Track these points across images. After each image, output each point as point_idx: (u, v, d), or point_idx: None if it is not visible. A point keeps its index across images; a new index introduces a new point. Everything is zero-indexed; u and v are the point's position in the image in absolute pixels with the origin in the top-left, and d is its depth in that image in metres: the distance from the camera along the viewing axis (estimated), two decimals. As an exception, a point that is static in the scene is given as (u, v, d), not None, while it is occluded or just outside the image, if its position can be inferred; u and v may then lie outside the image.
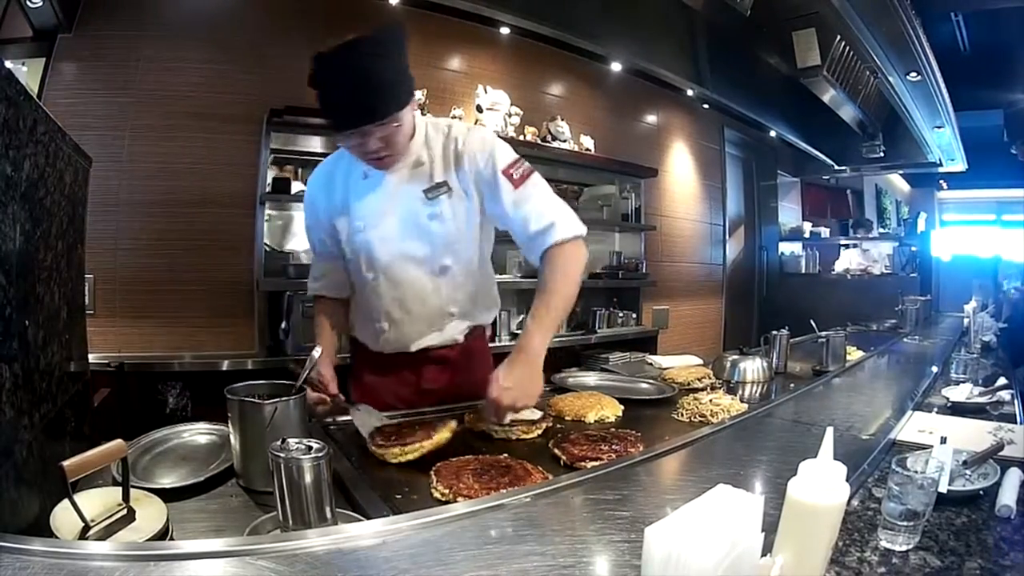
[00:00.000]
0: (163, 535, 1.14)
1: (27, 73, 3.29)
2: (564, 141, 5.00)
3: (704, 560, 0.70)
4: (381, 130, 1.84)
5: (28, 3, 3.16)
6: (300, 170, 4.25)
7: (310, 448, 1.09)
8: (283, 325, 3.68)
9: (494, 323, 4.34)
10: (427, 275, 2.04)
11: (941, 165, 8.49)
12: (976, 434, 1.74)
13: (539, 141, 4.85)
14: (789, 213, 9.20)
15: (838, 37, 5.44)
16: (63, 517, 1.09)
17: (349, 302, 2.19)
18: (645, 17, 5.40)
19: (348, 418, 1.95)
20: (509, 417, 1.77)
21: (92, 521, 1.09)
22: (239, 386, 1.52)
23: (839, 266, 8.56)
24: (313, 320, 2.18)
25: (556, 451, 1.63)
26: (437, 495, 1.36)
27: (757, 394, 2.54)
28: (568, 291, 1.88)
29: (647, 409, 2.20)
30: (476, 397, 1.98)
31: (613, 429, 1.85)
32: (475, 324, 2.20)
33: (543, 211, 1.95)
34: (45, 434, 1.35)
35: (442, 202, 1.98)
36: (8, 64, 1.19)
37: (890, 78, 5.54)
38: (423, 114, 2.28)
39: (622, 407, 2.12)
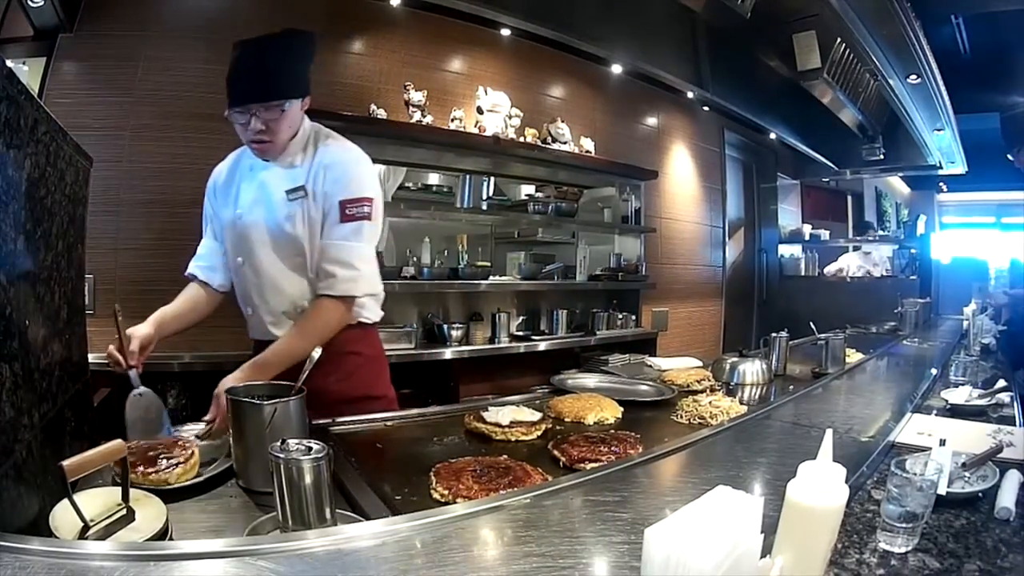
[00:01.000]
0: (163, 535, 1.15)
1: (28, 72, 3.29)
2: (564, 143, 5.00)
3: (704, 561, 0.70)
4: (265, 113, 2.03)
5: (29, 2, 3.16)
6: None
7: (310, 449, 1.09)
8: (283, 326, 3.68)
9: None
10: (282, 268, 2.14)
11: (941, 168, 8.49)
12: (975, 436, 1.74)
13: (539, 143, 4.85)
14: (789, 216, 9.20)
15: (838, 39, 5.44)
16: (63, 517, 1.09)
17: (212, 298, 2.32)
18: (646, 19, 5.40)
19: (353, 418, 1.97)
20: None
21: (92, 521, 1.10)
22: (239, 387, 1.52)
23: (832, 268, 8.54)
24: None
25: (555, 453, 1.64)
26: (436, 496, 1.36)
27: (756, 396, 2.54)
28: (300, 347, 1.89)
29: (646, 411, 2.21)
30: (348, 404, 2.09)
31: (612, 431, 1.85)
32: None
33: (338, 257, 2.06)
34: (45, 434, 1.35)
35: (299, 204, 2.09)
36: (9, 63, 1.19)
37: (890, 80, 5.54)
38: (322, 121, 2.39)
39: (621, 409, 2.12)
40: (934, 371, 2.85)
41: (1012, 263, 4.38)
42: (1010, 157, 3.68)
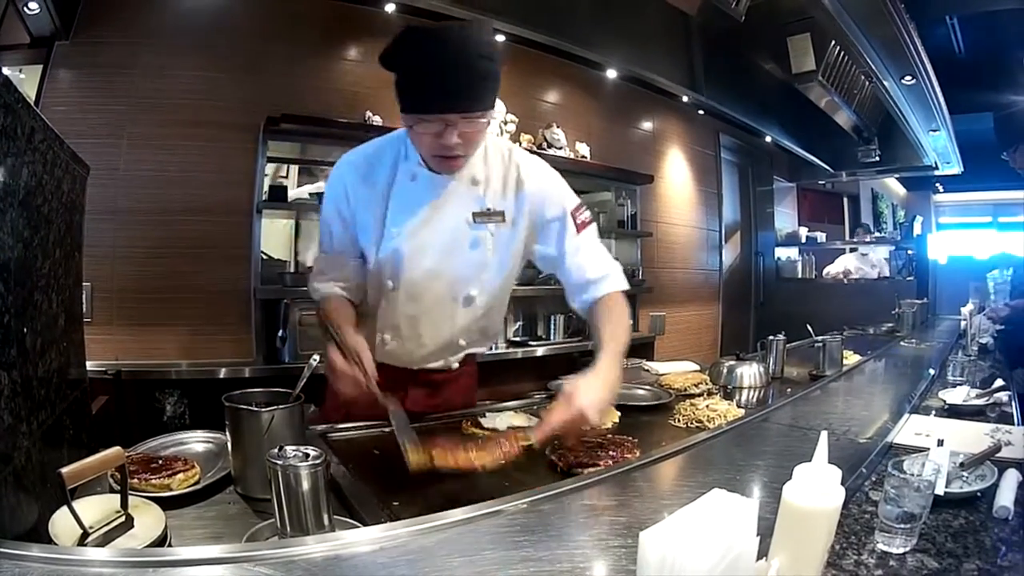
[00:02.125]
0: (161, 542, 1.14)
1: (24, 80, 3.30)
2: (560, 148, 5.02)
3: (699, 564, 0.70)
4: (468, 124, 1.68)
5: (26, 10, 3.15)
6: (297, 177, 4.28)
7: (307, 455, 1.09)
8: (280, 333, 3.69)
9: None
10: (450, 301, 1.93)
11: (937, 168, 8.50)
12: (973, 436, 1.74)
13: (535, 148, 4.86)
14: (785, 218, 9.21)
15: (833, 42, 5.46)
16: (62, 523, 1.09)
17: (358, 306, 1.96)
18: (640, 24, 5.42)
19: (351, 424, 1.96)
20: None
21: (91, 528, 1.09)
22: (236, 394, 1.52)
23: (831, 270, 8.55)
24: (320, 317, 1.90)
25: (553, 457, 1.63)
26: (411, 458, 1.43)
27: (754, 399, 2.54)
28: (627, 337, 1.83)
29: (644, 415, 2.21)
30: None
31: (610, 435, 1.85)
32: (473, 352, 2.16)
33: (601, 260, 1.97)
34: (43, 441, 1.35)
35: (488, 229, 1.88)
36: (5, 71, 1.20)
37: (885, 82, 5.55)
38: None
39: (619, 413, 2.12)
40: (932, 371, 2.86)
41: (1015, 271, 4.34)
42: (1005, 157, 3.68)
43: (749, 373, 2.70)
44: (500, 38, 1.85)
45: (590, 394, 1.56)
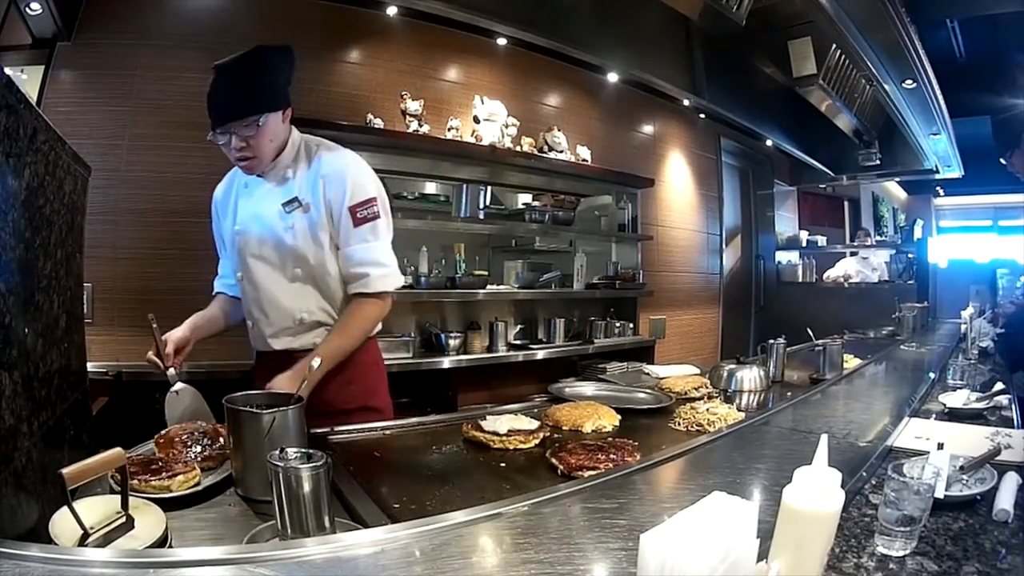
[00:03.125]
0: (162, 543, 1.15)
1: (26, 81, 3.30)
2: (561, 152, 5.01)
3: (699, 566, 0.70)
4: (244, 130, 2.02)
5: (27, 10, 3.16)
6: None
7: (309, 457, 1.09)
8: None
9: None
10: (279, 280, 2.17)
11: (937, 172, 8.51)
12: (973, 439, 1.75)
13: (536, 152, 4.86)
14: (786, 222, 9.21)
15: (833, 46, 5.47)
16: (62, 524, 1.09)
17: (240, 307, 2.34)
18: (641, 28, 5.42)
19: (352, 427, 1.97)
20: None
21: (91, 528, 1.10)
22: (237, 396, 1.52)
23: (832, 274, 8.55)
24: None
25: (553, 460, 1.63)
26: None
27: (754, 403, 2.54)
28: (346, 344, 2.12)
29: (644, 419, 2.21)
30: (347, 415, 2.12)
31: (610, 438, 1.85)
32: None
33: (365, 258, 2.15)
34: (44, 442, 1.35)
35: (295, 216, 2.12)
36: (8, 71, 1.20)
37: (886, 86, 5.56)
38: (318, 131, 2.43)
39: (619, 417, 2.12)
40: (932, 375, 2.86)
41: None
42: (1003, 162, 3.68)
43: (749, 377, 2.70)
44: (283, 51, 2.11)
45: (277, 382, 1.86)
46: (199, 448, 1.59)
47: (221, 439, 1.62)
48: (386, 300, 2.21)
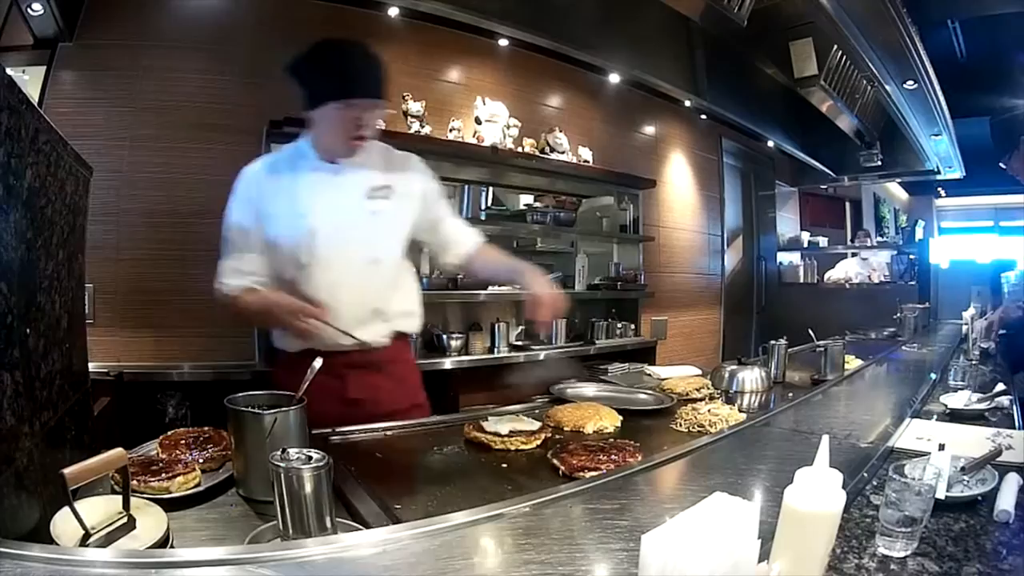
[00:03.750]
0: (163, 543, 1.15)
1: (28, 81, 3.30)
2: (562, 153, 5.01)
3: (700, 567, 0.70)
4: (374, 111, 2.09)
5: (29, 11, 3.16)
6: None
7: (310, 458, 1.09)
8: (282, 335, 3.69)
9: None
10: (360, 264, 2.16)
11: (939, 173, 8.50)
12: (974, 440, 1.74)
13: (537, 153, 4.86)
14: (787, 223, 9.21)
15: (835, 47, 5.46)
16: (63, 524, 1.09)
17: None
18: (643, 29, 5.42)
19: (354, 427, 1.97)
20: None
21: (92, 529, 1.10)
22: (239, 396, 1.53)
23: (832, 275, 8.56)
24: (238, 308, 2.18)
25: (555, 461, 1.63)
26: None
27: (755, 404, 2.54)
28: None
29: (646, 419, 2.21)
30: (401, 412, 2.19)
31: (612, 439, 1.86)
32: (397, 330, 2.29)
33: (461, 226, 2.48)
34: (46, 442, 1.35)
35: (382, 201, 2.18)
36: (9, 72, 1.20)
37: (887, 87, 5.55)
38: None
39: (621, 418, 2.12)
40: (933, 376, 2.85)
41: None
42: (1002, 165, 3.67)
43: (751, 377, 2.70)
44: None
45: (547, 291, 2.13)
46: (201, 450, 1.59)
47: (224, 442, 1.62)
48: None
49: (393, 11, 4.21)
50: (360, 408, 2.11)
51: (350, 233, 2.13)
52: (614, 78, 5.66)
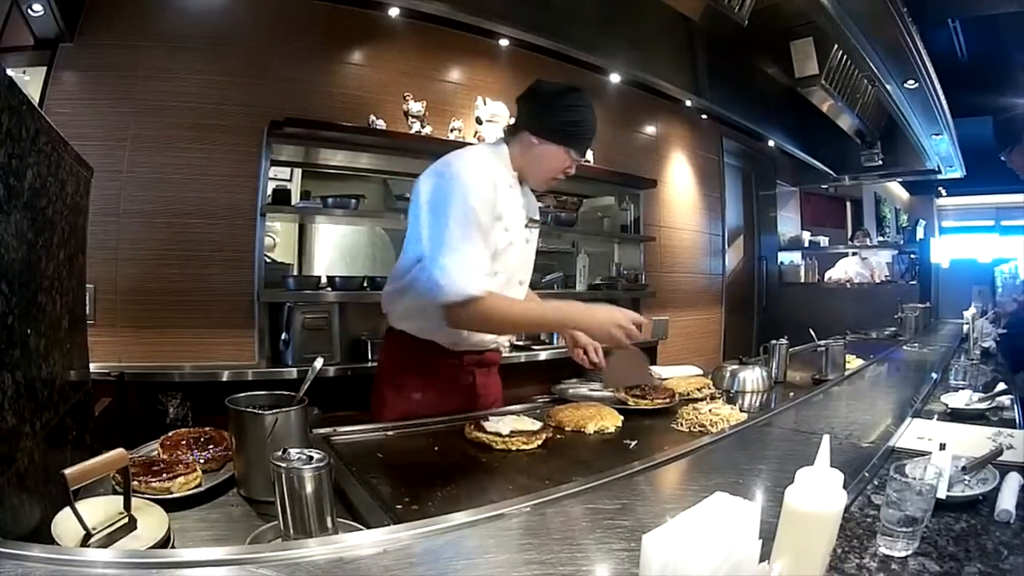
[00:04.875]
0: (164, 544, 1.15)
1: (28, 82, 3.30)
2: (563, 152, 5.00)
3: (701, 567, 0.70)
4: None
5: (29, 11, 3.16)
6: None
7: (311, 458, 1.10)
8: (284, 336, 3.69)
9: None
10: (516, 285, 2.35)
11: (940, 172, 8.49)
12: (976, 440, 1.74)
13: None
14: (788, 223, 9.21)
15: (835, 46, 5.46)
16: (65, 525, 1.09)
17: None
18: (643, 29, 5.42)
19: (354, 428, 1.97)
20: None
21: (94, 529, 1.10)
22: (240, 396, 1.53)
23: (832, 274, 8.56)
24: (500, 312, 2.07)
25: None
26: None
27: (757, 403, 2.54)
28: None
29: (647, 419, 2.21)
30: (497, 402, 2.44)
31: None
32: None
33: None
34: (47, 442, 1.35)
35: (533, 233, 2.40)
36: (10, 72, 1.20)
37: (888, 86, 5.55)
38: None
39: (622, 417, 2.12)
40: (934, 375, 2.85)
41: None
42: (1003, 158, 3.67)
43: (752, 377, 2.71)
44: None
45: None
46: (202, 450, 1.60)
47: (225, 442, 1.62)
48: None
49: (393, 11, 4.21)
50: (480, 399, 2.36)
51: (521, 252, 2.32)
52: (615, 78, 5.65)
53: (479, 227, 2.05)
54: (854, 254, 8.74)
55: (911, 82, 5.45)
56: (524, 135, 2.25)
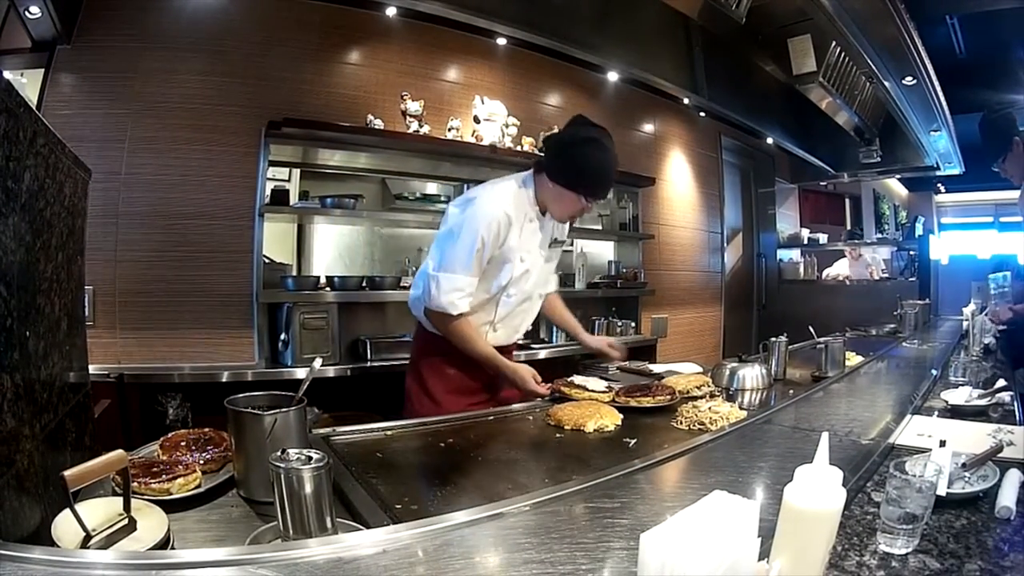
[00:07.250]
0: (164, 545, 1.15)
1: (26, 84, 3.30)
2: (562, 150, 5.00)
3: (700, 566, 0.70)
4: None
5: (27, 14, 3.15)
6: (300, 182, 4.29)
7: (310, 459, 1.09)
8: (283, 337, 3.69)
9: None
10: (536, 299, 2.82)
11: (938, 169, 8.49)
12: (976, 437, 1.74)
13: (537, 151, 4.85)
14: (787, 220, 9.20)
15: (833, 43, 5.45)
16: (64, 526, 1.09)
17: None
18: (641, 27, 5.42)
19: (354, 428, 1.97)
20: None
21: (93, 530, 1.10)
22: (239, 397, 1.53)
23: (830, 272, 8.56)
24: (462, 333, 2.53)
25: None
26: None
27: (756, 401, 2.54)
28: None
29: (646, 417, 2.21)
30: (514, 398, 2.65)
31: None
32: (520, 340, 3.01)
33: None
34: (46, 444, 1.35)
35: (555, 252, 2.83)
36: (7, 75, 1.20)
37: (886, 83, 5.54)
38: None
39: (621, 416, 2.12)
40: (934, 372, 2.86)
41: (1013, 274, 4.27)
42: (995, 168, 3.65)
43: (751, 375, 2.70)
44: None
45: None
46: (201, 451, 1.59)
47: (224, 443, 1.62)
48: None
49: (391, 10, 4.22)
50: (500, 393, 2.72)
51: (539, 277, 2.73)
52: (613, 76, 5.66)
53: (481, 257, 2.46)
54: (843, 257, 8.73)
55: (909, 79, 5.44)
56: (544, 176, 2.54)
